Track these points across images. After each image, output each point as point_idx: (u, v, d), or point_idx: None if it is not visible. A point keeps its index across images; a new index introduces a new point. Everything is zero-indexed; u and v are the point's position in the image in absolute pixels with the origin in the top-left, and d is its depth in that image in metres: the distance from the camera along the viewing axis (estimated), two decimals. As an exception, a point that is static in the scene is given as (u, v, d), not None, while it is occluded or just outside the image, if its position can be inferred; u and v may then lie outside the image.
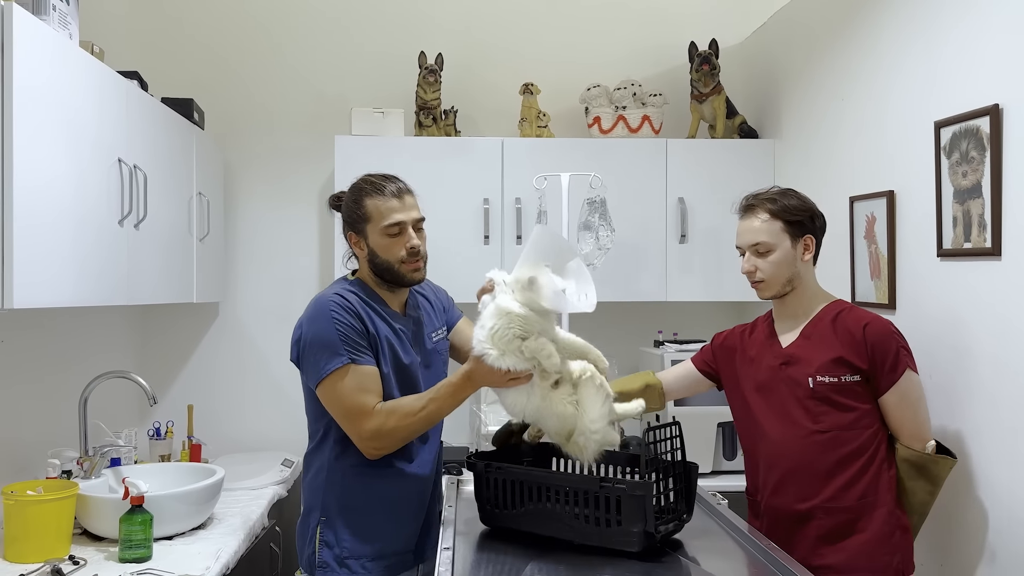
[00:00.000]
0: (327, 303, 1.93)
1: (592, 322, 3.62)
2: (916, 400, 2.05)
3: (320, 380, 1.90)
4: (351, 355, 1.88)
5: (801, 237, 2.11)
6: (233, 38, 3.57)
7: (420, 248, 2.00)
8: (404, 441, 1.93)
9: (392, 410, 1.89)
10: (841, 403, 2.04)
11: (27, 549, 2.08)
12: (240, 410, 3.54)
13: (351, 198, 2.02)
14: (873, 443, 2.03)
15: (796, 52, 3.16)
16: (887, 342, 2.03)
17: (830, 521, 2.03)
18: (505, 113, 3.54)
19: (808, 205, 2.13)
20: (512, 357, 1.72)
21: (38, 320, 2.59)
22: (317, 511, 1.98)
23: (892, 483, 2.04)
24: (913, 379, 2.04)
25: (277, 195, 3.59)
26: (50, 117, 1.97)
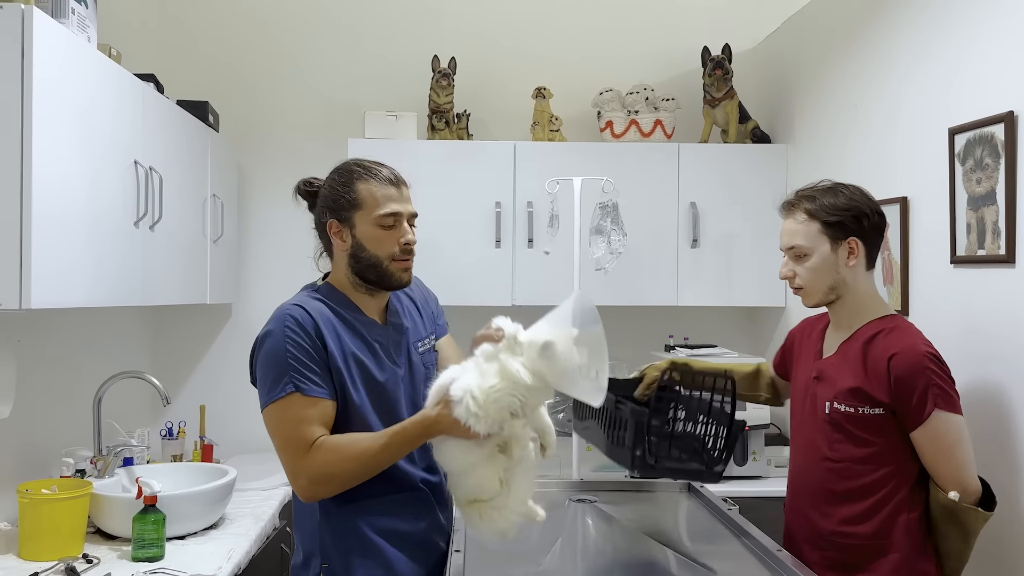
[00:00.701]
0: (284, 317, 1.71)
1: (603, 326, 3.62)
2: (951, 444, 1.80)
3: (264, 406, 1.69)
4: (296, 382, 1.65)
5: (844, 240, 1.90)
6: (248, 42, 3.60)
7: (414, 242, 1.79)
8: (347, 486, 1.68)
9: (336, 448, 1.65)
10: (857, 435, 1.87)
11: (41, 547, 2.10)
12: (252, 411, 3.51)
13: (339, 181, 1.79)
14: (890, 482, 1.84)
15: (809, 57, 3.16)
16: (915, 377, 1.79)
17: (836, 555, 1.89)
18: (517, 117, 3.55)
19: (855, 203, 1.90)
20: (492, 424, 1.53)
21: (54, 320, 2.61)
22: (316, 558, 1.75)
23: (913, 527, 1.83)
24: (946, 420, 1.79)
25: (290, 198, 3.59)
26: (68, 119, 1.99)
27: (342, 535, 1.74)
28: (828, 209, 1.90)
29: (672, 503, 2.25)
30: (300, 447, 1.65)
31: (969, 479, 1.82)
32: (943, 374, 1.82)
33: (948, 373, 1.83)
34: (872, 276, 1.96)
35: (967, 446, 1.82)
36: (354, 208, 1.76)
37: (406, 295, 1.93)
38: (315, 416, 1.66)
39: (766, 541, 1.82)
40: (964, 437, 1.82)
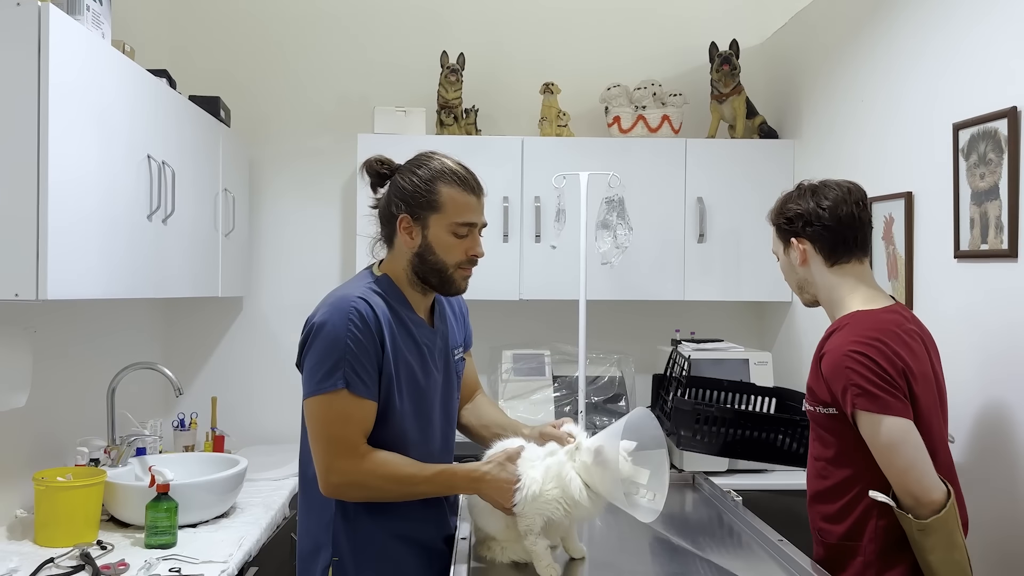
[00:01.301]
0: (348, 308, 1.66)
1: (609, 320, 3.65)
2: (887, 447, 1.68)
3: (312, 394, 1.66)
4: (348, 378, 1.63)
5: (791, 242, 1.91)
6: (259, 38, 3.63)
7: (481, 255, 1.77)
8: (373, 499, 1.71)
9: (382, 464, 1.66)
10: (820, 435, 1.85)
11: (57, 534, 2.15)
12: (262, 403, 3.60)
13: (423, 177, 1.72)
14: (855, 485, 1.77)
15: (816, 53, 3.17)
16: (836, 377, 1.73)
17: (823, 551, 1.87)
18: (525, 112, 3.58)
19: (801, 205, 1.88)
20: (527, 522, 1.62)
21: (69, 311, 2.66)
22: (327, 550, 1.72)
23: (880, 534, 1.75)
24: (872, 422, 1.69)
25: (301, 192, 3.65)
26: (83, 114, 2.03)
27: (357, 534, 1.73)
28: (779, 212, 1.93)
29: (678, 496, 2.27)
30: (343, 448, 1.64)
31: (915, 485, 1.67)
32: (868, 373, 1.69)
33: (876, 371, 1.69)
34: (845, 272, 1.86)
35: (908, 452, 1.67)
36: (432, 210, 1.71)
37: (448, 300, 1.92)
38: (362, 419, 1.66)
39: (768, 532, 1.85)
40: (903, 440, 1.67)
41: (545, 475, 1.63)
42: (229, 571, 2.05)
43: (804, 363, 3.20)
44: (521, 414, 3.14)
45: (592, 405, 3.21)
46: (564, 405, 3.18)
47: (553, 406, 3.17)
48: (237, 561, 2.13)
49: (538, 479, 1.63)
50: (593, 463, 1.58)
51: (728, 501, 2.14)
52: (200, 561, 2.08)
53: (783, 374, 3.40)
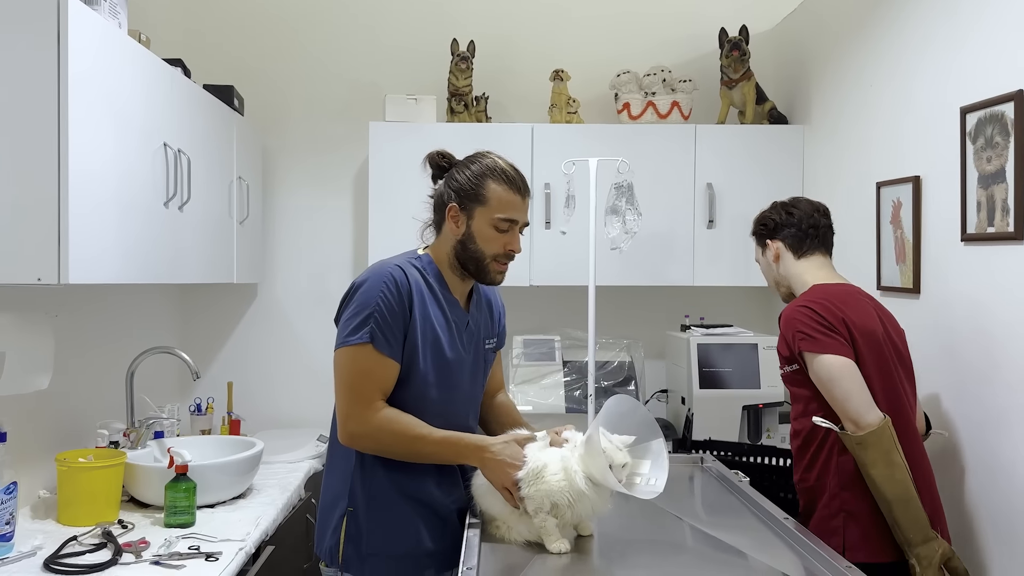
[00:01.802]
0: (385, 274, 1.81)
1: (619, 306, 3.68)
2: (827, 382, 2.01)
3: (340, 346, 1.79)
4: (373, 335, 1.76)
5: (765, 244, 2.31)
6: (271, 27, 3.67)
7: (518, 251, 1.90)
8: (379, 453, 1.82)
9: (395, 419, 1.78)
10: (792, 392, 2.17)
11: (79, 513, 2.20)
12: (277, 388, 3.66)
13: (474, 172, 1.86)
14: (821, 430, 2.07)
15: (826, 38, 3.17)
16: (786, 329, 2.09)
17: (802, 500, 2.18)
18: (535, 99, 3.60)
19: (772, 213, 2.31)
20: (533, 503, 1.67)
21: (88, 297, 2.71)
22: (344, 500, 1.85)
23: (839, 468, 2.04)
24: (816, 361, 2.02)
25: (314, 180, 3.69)
26: (101, 103, 2.07)
27: (371, 487, 1.85)
28: (756, 222, 2.35)
29: (685, 475, 2.31)
30: (361, 399, 1.77)
31: (854, 412, 1.97)
32: (810, 321, 2.04)
33: (818, 319, 2.03)
34: (810, 261, 2.23)
35: (845, 383, 1.98)
36: (478, 202, 1.85)
37: (486, 293, 2.06)
38: (382, 376, 1.79)
39: (773, 509, 1.88)
40: (840, 375, 1.99)
41: (552, 460, 1.69)
42: (246, 549, 2.10)
43: (813, 347, 3.22)
44: (531, 398, 3.17)
45: (602, 390, 3.24)
46: (574, 390, 3.22)
47: (563, 391, 3.21)
48: (254, 539, 2.18)
49: (544, 460, 1.69)
50: (586, 453, 1.65)
51: (735, 480, 2.17)
52: (218, 539, 2.13)
53: (792, 359, 3.42)
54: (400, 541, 1.85)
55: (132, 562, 1.96)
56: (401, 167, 3.30)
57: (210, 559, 1.99)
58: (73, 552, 2.00)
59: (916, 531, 1.94)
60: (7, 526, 1.96)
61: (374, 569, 1.84)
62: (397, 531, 1.85)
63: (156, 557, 1.98)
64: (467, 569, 1.52)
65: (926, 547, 1.94)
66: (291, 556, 2.71)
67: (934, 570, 1.90)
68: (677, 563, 1.62)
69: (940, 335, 2.36)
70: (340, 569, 1.86)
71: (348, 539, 1.84)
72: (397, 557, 1.85)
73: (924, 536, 1.94)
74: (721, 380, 3.12)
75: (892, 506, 1.95)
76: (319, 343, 3.66)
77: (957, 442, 2.28)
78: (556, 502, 1.66)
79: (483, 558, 1.61)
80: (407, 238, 3.23)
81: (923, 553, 1.93)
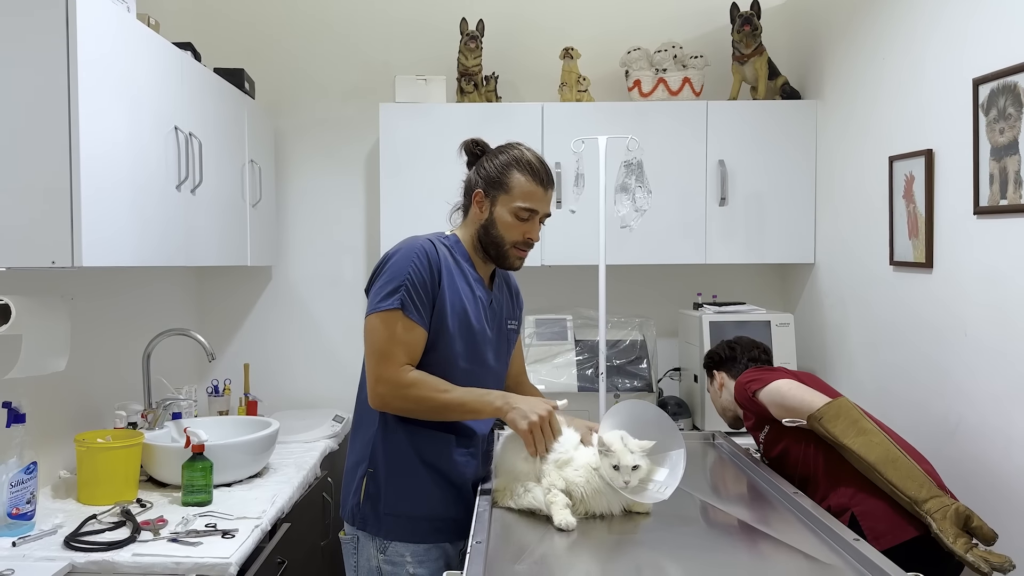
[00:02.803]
0: (417, 246, 1.89)
1: (632, 285, 3.68)
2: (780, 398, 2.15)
3: (371, 312, 1.86)
4: (404, 302, 1.83)
5: (712, 376, 2.54)
6: (281, 9, 3.67)
7: (536, 239, 1.98)
8: (406, 412, 1.88)
9: (424, 377, 1.85)
10: (778, 448, 2.26)
11: (98, 492, 2.25)
12: (293, 369, 3.70)
13: (501, 162, 1.95)
14: (799, 449, 2.18)
15: (838, 12, 3.13)
16: (739, 396, 2.32)
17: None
18: (545, 78, 3.58)
19: (713, 348, 2.57)
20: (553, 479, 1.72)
21: (104, 280, 2.75)
22: (365, 463, 1.93)
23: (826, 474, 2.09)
24: (763, 394, 2.20)
25: (325, 162, 3.70)
26: (111, 87, 2.08)
27: (392, 450, 1.91)
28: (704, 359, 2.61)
29: (699, 452, 2.32)
30: (391, 361, 1.84)
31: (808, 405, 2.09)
32: (748, 374, 2.31)
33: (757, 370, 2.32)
34: None
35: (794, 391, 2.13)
36: (501, 190, 1.94)
37: (505, 276, 2.13)
38: (410, 341, 1.85)
39: (783, 484, 1.89)
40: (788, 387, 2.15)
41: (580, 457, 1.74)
42: (263, 526, 2.14)
43: (826, 324, 3.22)
44: (544, 377, 3.19)
45: (614, 368, 3.25)
46: (586, 368, 3.23)
47: (575, 369, 3.22)
48: (270, 517, 2.22)
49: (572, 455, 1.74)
50: (601, 455, 1.69)
51: (746, 458, 2.17)
52: (235, 517, 2.16)
53: (805, 336, 3.41)
54: (415, 504, 1.91)
55: (150, 539, 1.99)
56: (411, 147, 3.30)
57: (226, 536, 2.02)
58: (93, 530, 2.04)
59: (915, 487, 1.91)
60: (28, 505, 2.01)
61: (389, 528, 1.91)
62: (413, 494, 1.91)
63: (173, 534, 2.02)
64: (476, 543, 1.53)
65: (935, 501, 1.88)
66: (307, 533, 2.75)
67: (949, 521, 1.83)
68: (687, 537, 1.63)
69: (953, 309, 2.35)
70: (357, 527, 1.94)
71: (367, 497, 1.92)
72: (412, 519, 1.91)
73: (929, 491, 1.89)
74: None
75: (881, 469, 1.94)
76: (334, 324, 3.69)
77: (972, 417, 2.27)
78: (571, 491, 1.70)
79: (493, 532, 1.63)
80: (419, 218, 3.27)
81: (934, 507, 1.87)
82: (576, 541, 1.61)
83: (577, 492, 1.70)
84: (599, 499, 1.70)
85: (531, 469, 1.79)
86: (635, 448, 1.69)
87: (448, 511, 1.93)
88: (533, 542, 1.59)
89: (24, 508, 2.00)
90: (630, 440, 1.70)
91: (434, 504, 1.92)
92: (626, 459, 1.66)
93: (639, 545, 1.59)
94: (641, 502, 1.71)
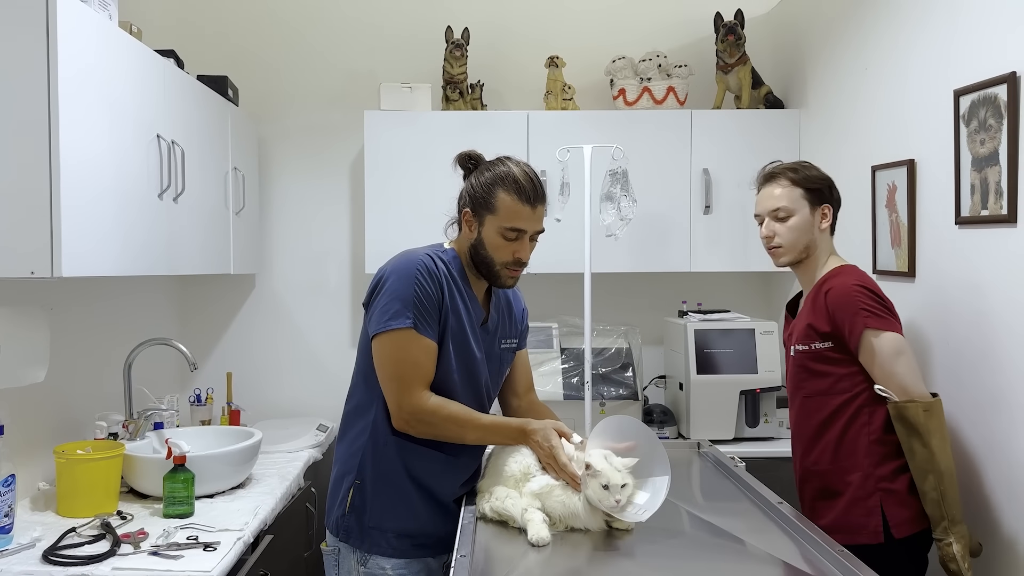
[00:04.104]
0: (417, 261, 1.86)
1: (617, 293, 3.68)
2: (888, 358, 2.03)
3: (380, 332, 1.83)
4: (416, 319, 1.81)
5: (819, 206, 2.20)
6: (265, 16, 3.65)
7: (526, 260, 1.93)
8: (431, 436, 1.87)
9: (445, 404, 1.84)
10: (816, 369, 2.14)
11: (77, 505, 2.22)
12: (277, 378, 3.67)
13: (486, 179, 1.89)
14: (850, 407, 2.10)
15: (821, 22, 3.16)
16: (846, 305, 2.06)
17: (819, 482, 2.16)
18: (531, 87, 3.59)
19: (826, 176, 2.23)
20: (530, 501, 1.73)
21: (85, 289, 2.72)
22: (352, 474, 1.91)
23: (875, 446, 2.07)
24: (876, 338, 2.03)
25: (310, 170, 3.69)
26: (92, 95, 2.06)
27: (382, 464, 1.89)
28: (810, 179, 2.20)
29: (683, 462, 2.32)
30: (412, 385, 1.82)
31: (912, 387, 2.03)
32: (872, 300, 2.05)
33: (880, 299, 2.07)
34: (831, 241, 2.24)
35: (907, 359, 2.04)
36: (487, 210, 1.88)
37: (506, 293, 2.09)
38: (428, 359, 1.84)
39: (768, 494, 1.89)
40: (900, 350, 2.03)
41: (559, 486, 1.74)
42: (245, 539, 2.11)
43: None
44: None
45: (600, 376, 3.24)
46: (572, 377, 3.22)
47: (561, 378, 3.22)
48: (253, 529, 2.19)
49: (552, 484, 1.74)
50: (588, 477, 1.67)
51: (731, 466, 2.18)
52: (217, 529, 2.14)
53: (790, 343, 3.42)
54: (401, 519, 1.90)
55: (130, 552, 1.97)
56: (397, 155, 3.29)
57: (208, 549, 2.00)
58: (72, 544, 2.01)
59: (958, 508, 1.99)
60: (6, 518, 1.98)
61: (373, 542, 1.89)
62: (399, 509, 1.89)
63: (154, 547, 1.99)
64: (461, 557, 1.52)
65: (963, 527, 1.99)
66: (291, 545, 2.73)
67: (966, 549, 1.97)
68: (671, 548, 1.63)
69: (935, 318, 2.36)
70: (340, 539, 1.92)
71: (352, 510, 1.90)
72: (396, 534, 1.90)
73: (962, 515, 2.00)
74: (718, 365, 3.12)
75: (944, 479, 1.98)
76: (318, 332, 3.67)
77: (954, 424, 2.28)
78: (548, 513, 1.70)
79: (477, 546, 1.62)
80: (404, 226, 3.26)
81: (961, 532, 1.98)
82: (560, 554, 1.60)
83: (555, 515, 1.70)
84: (575, 521, 1.69)
85: (519, 475, 1.78)
86: (620, 467, 1.67)
87: (435, 528, 1.92)
88: (517, 556, 1.58)
89: (1, 521, 1.97)
90: (614, 459, 1.68)
91: (420, 520, 1.91)
92: (615, 478, 1.65)
93: (624, 556, 1.59)
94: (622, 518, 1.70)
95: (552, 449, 1.76)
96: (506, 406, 2.15)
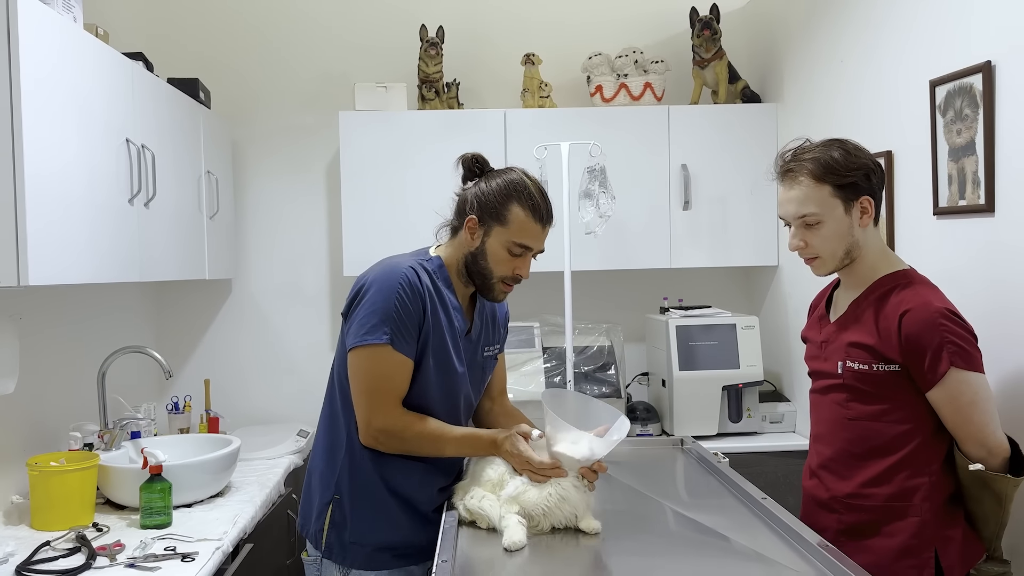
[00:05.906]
0: (400, 275, 1.79)
1: (597, 290, 3.67)
2: (969, 403, 1.71)
3: (357, 345, 1.78)
4: (393, 336, 1.76)
5: (856, 200, 1.78)
6: (236, 17, 3.61)
7: (525, 277, 1.89)
8: (403, 452, 1.84)
9: (417, 419, 1.81)
10: (871, 393, 1.80)
11: (52, 518, 2.17)
12: (255, 384, 3.63)
13: (500, 190, 1.82)
14: (910, 442, 1.77)
15: (796, 14, 3.16)
16: (927, 335, 1.70)
17: (852, 517, 1.84)
18: (507, 84, 3.56)
19: (860, 160, 1.78)
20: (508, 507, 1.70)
21: (55, 297, 2.66)
22: (331, 488, 1.87)
23: (936, 492, 1.77)
24: (964, 379, 1.70)
25: (285, 173, 3.65)
26: (58, 100, 2.02)
27: (359, 478, 1.86)
28: (837, 170, 1.76)
29: (666, 457, 2.30)
30: (384, 400, 1.79)
31: (992, 438, 1.73)
32: (961, 331, 1.71)
33: (967, 330, 1.73)
34: (879, 230, 1.86)
35: (988, 405, 1.72)
36: (498, 222, 1.82)
37: (494, 305, 2.05)
38: (402, 376, 1.80)
39: (752, 490, 1.87)
40: (984, 396, 1.72)
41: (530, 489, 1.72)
42: (224, 548, 2.08)
43: (791, 326, 3.23)
44: (512, 386, 3.15)
45: (582, 374, 3.23)
46: (554, 376, 3.20)
47: (543, 377, 3.20)
48: (232, 538, 2.16)
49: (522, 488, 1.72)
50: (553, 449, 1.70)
51: (714, 462, 2.16)
52: (195, 539, 2.10)
53: (770, 338, 3.42)
54: (382, 533, 1.87)
55: (106, 566, 1.93)
56: (373, 156, 3.26)
57: (186, 560, 1.96)
58: (46, 558, 1.97)
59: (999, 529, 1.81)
60: (-23, 534, 1.93)
61: (355, 557, 1.87)
62: (380, 523, 1.86)
63: (131, 560, 1.95)
64: (442, 562, 1.50)
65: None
66: (272, 553, 2.69)
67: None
68: (657, 546, 1.61)
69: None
70: (323, 555, 1.89)
71: (332, 526, 1.87)
72: (378, 548, 1.87)
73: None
74: (701, 361, 3.12)
75: (1005, 506, 1.74)
76: (296, 336, 3.63)
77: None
78: (530, 512, 1.68)
79: (459, 551, 1.59)
80: (381, 227, 3.23)
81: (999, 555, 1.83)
82: (543, 554, 1.58)
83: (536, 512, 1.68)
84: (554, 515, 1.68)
85: (496, 480, 1.77)
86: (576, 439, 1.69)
87: (416, 538, 1.89)
88: (498, 559, 1.56)
89: (-28, 537, 1.92)
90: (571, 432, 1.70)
91: (402, 532, 1.88)
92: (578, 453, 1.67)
93: (608, 555, 1.57)
94: (591, 522, 1.68)
95: (522, 454, 1.74)
96: (479, 409, 2.12)
